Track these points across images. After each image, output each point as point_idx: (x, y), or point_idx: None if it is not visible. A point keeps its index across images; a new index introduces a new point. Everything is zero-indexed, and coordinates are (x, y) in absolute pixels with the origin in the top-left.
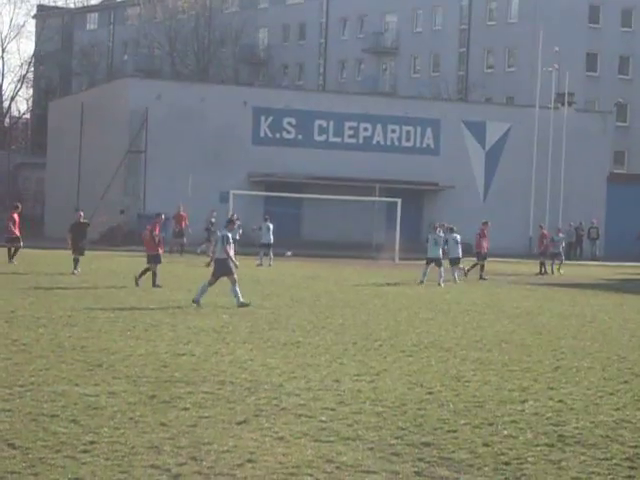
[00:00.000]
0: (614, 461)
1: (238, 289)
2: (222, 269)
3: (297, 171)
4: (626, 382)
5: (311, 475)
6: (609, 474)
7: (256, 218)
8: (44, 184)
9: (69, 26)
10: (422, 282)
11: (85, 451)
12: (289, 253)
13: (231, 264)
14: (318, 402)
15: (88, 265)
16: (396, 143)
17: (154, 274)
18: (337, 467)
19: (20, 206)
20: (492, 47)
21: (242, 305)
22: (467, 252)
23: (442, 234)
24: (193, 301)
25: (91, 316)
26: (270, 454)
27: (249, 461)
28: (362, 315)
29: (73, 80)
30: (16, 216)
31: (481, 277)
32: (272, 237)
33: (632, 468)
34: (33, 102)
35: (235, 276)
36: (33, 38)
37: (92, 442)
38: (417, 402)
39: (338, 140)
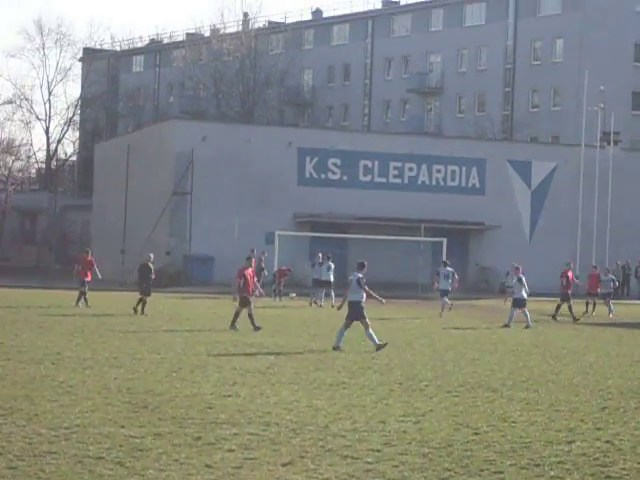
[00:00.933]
0: None
1: (372, 332)
2: (356, 312)
3: (342, 211)
4: None
5: None
6: None
7: (301, 259)
8: (90, 226)
9: (115, 68)
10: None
11: None
12: (293, 295)
13: (364, 308)
14: (364, 443)
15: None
16: (441, 183)
17: (250, 316)
18: None
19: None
20: (537, 86)
21: (380, 347)
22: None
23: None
24: (333, 348)
25: (137, 357)
26: None
27: None
28: (408, 355)
29: (119, 122)
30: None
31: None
32: (332, 276)
33: None
34: (80, 144)
35: (367, 320)
36: (79, 81)
37: None
38: (463, 443)
39: (383, 180)
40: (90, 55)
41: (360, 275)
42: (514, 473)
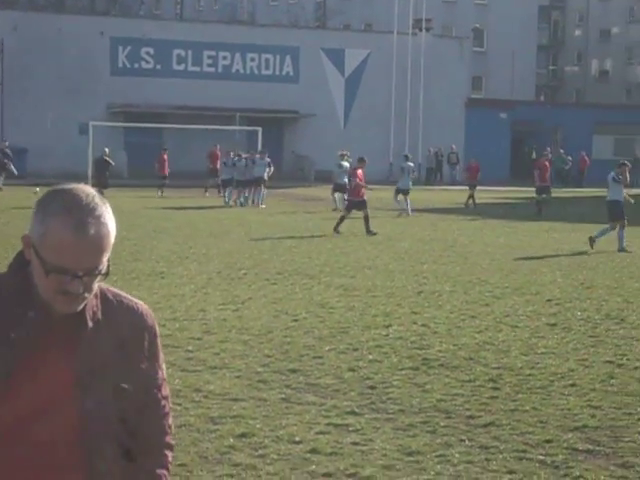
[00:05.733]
0: (477, 382)
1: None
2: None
3: (156, 101)
4: (487, 305)
5: (180, 404)
6: (472, 395)
7: (116, 149)
8: None
9: None
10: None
11: None
12: (37, 189)
13: None
14: (184, 332)
15: None
16: (255, 71)
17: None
18: (205, 396)
19: None
20: None
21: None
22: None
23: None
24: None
25: None
26: None
27: None
28: (225, 244)
29: None
30: None
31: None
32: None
33: (494, 389)
34: None
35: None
36: None
37: None
38: (283, 329)
39: (197, 69)
40: None
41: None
42: (333, 358)
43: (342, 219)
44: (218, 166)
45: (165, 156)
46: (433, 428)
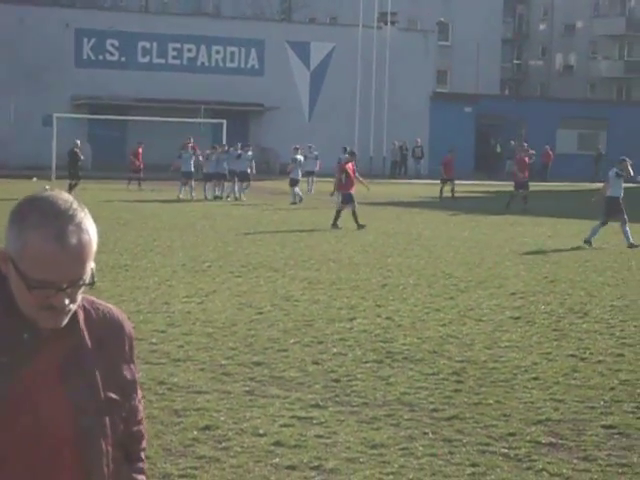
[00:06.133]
0: (441, 375)
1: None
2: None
3: (121, 93)
4: (452, 298)
5: (143, 397)
6: (436, 388)
7: (80, 141)
8: None
9: None
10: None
11: None
12: (34, 179)
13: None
14: (148, 324)
15: None
16: (220, 64)
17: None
18: (169, 388)
19: None
20: None
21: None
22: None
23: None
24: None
25: None
26: None
27: None
28: (190, 237)
29: None
30: None
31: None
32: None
33: (458, 382)
34: None
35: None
36: None
37: None
38: (247, 322)
39: (162, 61)
40: None
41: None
42: (298, 350)
43: (338, 213)
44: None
45: (140, 149)
46: (397, 421)
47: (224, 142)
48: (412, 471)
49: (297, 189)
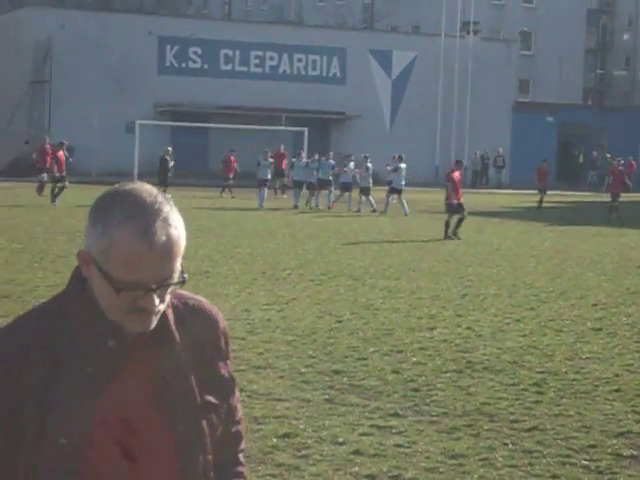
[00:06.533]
0: (521, 386)
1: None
2: None
3: (203, 101)
4: (532, 309)
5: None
6: (516, 399)
7: (162, 148)
8: None
9: None
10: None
11: None
12: (117, 186)
13: None
14: (229, 332)
15: None
16: (302, 72)
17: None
18: (248, 396)
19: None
20: None
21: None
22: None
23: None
24: None
25: None
26: None
27: None
28: (270, 244)
29: None
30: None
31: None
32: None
33: (539, 393)
34: None
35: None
36: None
37: None
38: (327, 330)
39: (244, 69)
40: None
41: None
42: (377, 359)
43: (447, 225)
44: (284, 166)
45: (232, 157)
46: (477, 431)
47: (303, 150)
48: None
49: (371, 198)
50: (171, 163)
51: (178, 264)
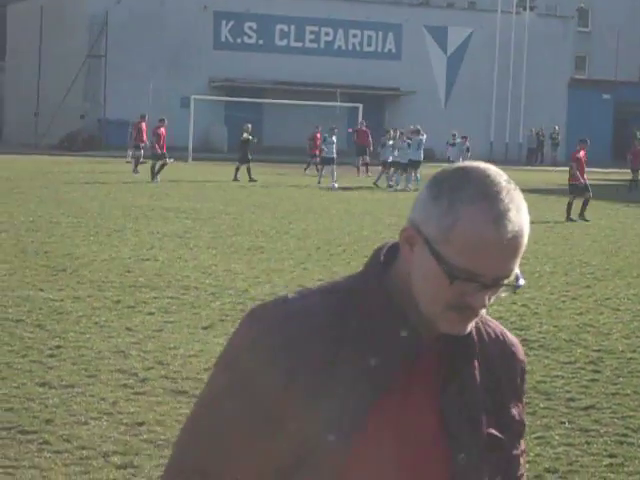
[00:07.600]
0: (577, 365)
1: None
2: None
3: (258, 76)
4: (588, 287)
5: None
6: (573, 377)
7: (217, 123)
8: (2, 88)
9: None
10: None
11: (52, 355)
12: (172, 160)
13: None
14: None
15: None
16: (357, 48)
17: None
18: None
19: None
20: None
21: None
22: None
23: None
24: None
25: (54, 221)
26: None
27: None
28: (325, 220)
29: None
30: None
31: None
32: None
33: (595, 371)
34: None
35: None
36: None
37: (58, 347)
38: None
39: (299, 45)
40: None
41: None
42: None
43: (570, 205)
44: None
45: (318, 134)
46: (533, 409)
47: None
48: (548, 460)
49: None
50: (255, 140)
51: (518, 264)
